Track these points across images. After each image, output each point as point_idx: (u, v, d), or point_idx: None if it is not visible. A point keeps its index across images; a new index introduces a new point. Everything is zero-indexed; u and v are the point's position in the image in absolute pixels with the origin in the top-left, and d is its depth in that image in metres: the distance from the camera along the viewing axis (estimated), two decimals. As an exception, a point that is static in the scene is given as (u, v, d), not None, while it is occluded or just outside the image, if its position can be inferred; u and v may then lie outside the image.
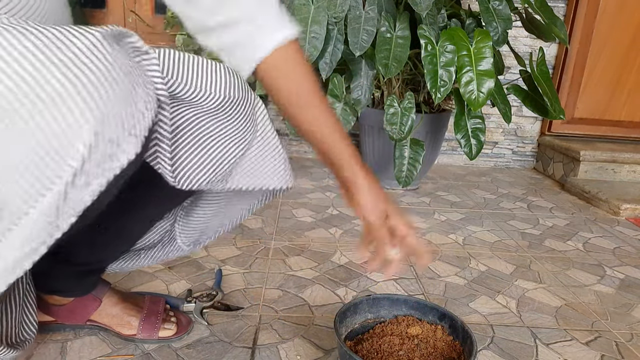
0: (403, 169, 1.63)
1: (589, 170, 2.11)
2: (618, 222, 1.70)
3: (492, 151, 2.49)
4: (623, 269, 1.29)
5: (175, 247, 0.83)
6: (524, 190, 2.06)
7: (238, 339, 0.85)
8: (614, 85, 2.36)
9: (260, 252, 1.23)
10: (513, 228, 1.56)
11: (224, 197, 0.79)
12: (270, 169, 0.69)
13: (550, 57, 2.35)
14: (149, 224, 0.77)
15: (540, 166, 2.45)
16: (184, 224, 0.81)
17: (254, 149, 0.66)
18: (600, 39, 2.29)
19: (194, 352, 0.81)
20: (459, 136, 1.63)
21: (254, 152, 0.66)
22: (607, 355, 0.89)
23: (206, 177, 0.59)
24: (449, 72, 1.51)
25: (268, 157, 0.68)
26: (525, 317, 1.00)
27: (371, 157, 1.95)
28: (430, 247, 0.68)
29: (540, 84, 1.67)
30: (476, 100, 1.49)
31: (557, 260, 1.32)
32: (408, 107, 1.59)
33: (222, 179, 0.63)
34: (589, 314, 1.04)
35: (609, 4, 2.24)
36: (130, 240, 0.78)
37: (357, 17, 1.59)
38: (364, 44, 1.56)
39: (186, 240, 0.83)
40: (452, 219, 1.61)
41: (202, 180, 0.59)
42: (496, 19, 1.62)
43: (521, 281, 1.17)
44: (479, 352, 0.87)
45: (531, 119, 2.45)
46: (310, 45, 1.55)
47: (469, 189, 2.01)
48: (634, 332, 0.98)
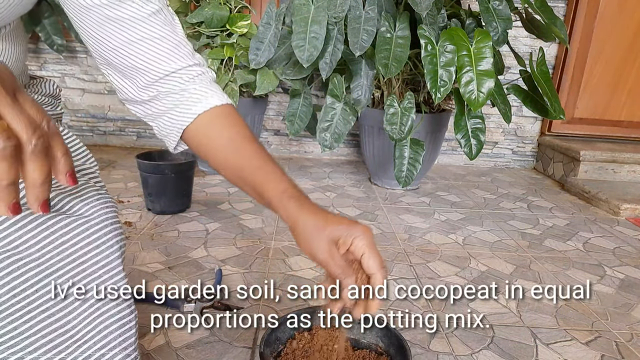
0: (403, 169, 1.63)
1: (589, 170, 2.11)
2: (618, 222, 1.69)
3: (492, 151, 2.49)
4: (623, 269, 1.29)
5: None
6: (524, 190, 2.06)
7: (238, 339, 0.85)
8: (614, 85, 2.36)
9: (260, 252, 1.23)
10: (513, 228, 1.56)
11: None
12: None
13: (550, 57, 2.35)
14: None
15: (540, 166, 2.45)
16: None
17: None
18: (600, 39, 2.29)
19: (194, 352, 0.81)
20: (459, 136, 1.63)
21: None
22: (607, 355, 0.89)
23: None
24: (449, 72, 1.51)
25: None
26: (525, 317, 1.00)
27: (371, 157, 1.95)
28: (381, 302, 0.55)
29: (540, 84, 1.66)
30: (476, 100, 1.49)
31: (557, 260, 1.32)
32: (408, 107, 1.59)
33: None
34: (589, 314, 1.04)
35: (609, 4, 2.24)
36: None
37: (357, 17, 1.59)
38: (364, 44, 1.56)
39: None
40: (452, 219, 1.61)
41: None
42: (496, 19, 1.62)
43: (521, 281, 1.17)
44: (479, 352, 0.87)
45: (531, 119, 2.45)
46: (310, 45, 1.55)
47: (469, 189, 2.01)
48: (634, 332, 0.98)
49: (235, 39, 1.82)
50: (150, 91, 0.56)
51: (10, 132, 0.31)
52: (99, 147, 2.39)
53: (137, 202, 1.57)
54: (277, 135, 2.46)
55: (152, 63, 0.54)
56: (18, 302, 0.42)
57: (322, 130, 1.66)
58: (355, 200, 1.76)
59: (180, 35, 0.56)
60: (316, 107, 1.87)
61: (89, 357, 0.44)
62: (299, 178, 2.02)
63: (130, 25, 0.51)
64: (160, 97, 0.56)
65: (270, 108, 2.40)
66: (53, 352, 0.43)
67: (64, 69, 2.33)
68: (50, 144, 0.34)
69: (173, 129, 0.58)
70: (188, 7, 1.91)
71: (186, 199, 1.53)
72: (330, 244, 0.51)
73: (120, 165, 2.05)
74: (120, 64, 0.54)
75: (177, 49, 0.55)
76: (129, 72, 0.55)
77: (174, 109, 0.57)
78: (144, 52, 0.53)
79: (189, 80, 0.57)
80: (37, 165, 0.32)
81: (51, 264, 0.43)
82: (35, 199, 0.34)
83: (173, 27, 0.55)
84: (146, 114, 0.59)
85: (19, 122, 0.31)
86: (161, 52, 0.54)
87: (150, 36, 0.53)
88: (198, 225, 1.40)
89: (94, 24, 0.51)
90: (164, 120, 0.58)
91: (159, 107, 0.57)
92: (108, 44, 0.52)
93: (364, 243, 0.51)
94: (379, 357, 0.71)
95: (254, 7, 2.17)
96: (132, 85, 0.56)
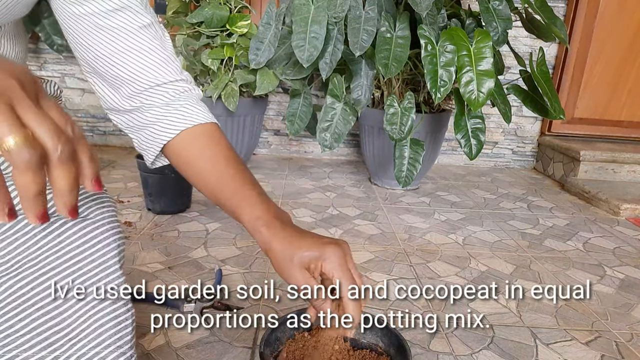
0: (403, 169, 1.63)
1: (589, 170, 2.11)
2: (618, 222, 1.69)
3: (492, 151, 2.49)
4: (623, 269, 1.29)
5: None
6: (524, 190, 2.06)
7: (238, 339, 0.85)
8: (614, 85, 2.36)
9: (260, 252, 1.23)
10: (513, 228, 1.56)
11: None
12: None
13: (550, 57, 2.35)
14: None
15: (540, 166, 2.45)
16: None
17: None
18: (600, 39, 2.29)
19: (194, 352, 0.81)
20: (459, 136, 1.63)
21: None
22: (607, 355, 0.89)
23: None
24: (449, 72, 1.51)
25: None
26: (525, 317, 1.00)
27: (371, 157, 1.95)
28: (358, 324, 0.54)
29: (540, 84, 1.67)
30: (476, 100, 1.49)
31: (557, 260, 1.32)
32: (408, 107, 1.59)
33: None
34: (589, 314, 1.04)
35: (609, 4, 2.24)
36: None
37: (357, 17, 1.59)
38: (364, 44, 1.56)
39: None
40: (452, 219, 1.61)
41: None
42: (496, 19, 1.62)
43: (521, 281, 1.17)
44: (479, 352, 0.87)
45: (531, 119, 2.45)
46: (310, 45, 1.55)
47: (469, 189, 2.01)
48: (634, 332, 0.98)
49: (235, 39, 1.82)
50: (134, 101, 0.56)
51: (34, 141, 0.30)
52: (99, 147, 2.39)
53: (137, 202, 1.57)
54: (277, 135, 2.47)
55: (138, 74, 0.54)
56: (14, 301, 0.42)
57: (322, 130, 1.66)
58: (355, 200, 1.76)
59: (170, 50, 0.56)
60: (316, 107, 1.87)
61: (82, 355, 0.44)
62: (299, 178, 2.02)
63: (120, 35, 0.52)
64: (144, 109, 0.56)
65: (270, 108, 2.40)
66: (47, 350, 0.43)
67: (64, 69, 2.33)
68: (75, 148, 0.33)
69: (154, 143, 0.58)
70: (188, 7, 1.91)
71: (186, 199, 1.53)
72: (302, 271, 0.50)
73: (120, 165, 2.06)
74: (106, 73, 0.54)
75: (165, 63, 0.55)
76: (114, 81, 0.55)
77: (157, 122, 0.57)
78: (131, 62, 0.53)
79: (175, 96, 0.56)
80: (65, 172, 0.31)
81: (48, 263, 0.43)
82: (63, 205, 0.33)
83: (163, 42, 0.56)
84: (127, 126, 0.59)
85: (44, 129, 0.30)
86: (148, 64, 0.54)
87: (139, 47, 0.53)
88: (198, 225, 1.40)
89: (83, 32, 0.51)
90: (145, 133, 0.58)
91: (141, 119, 0.57)
92: (96, 52, 0.52)
93: (332, 266, 0.50)
94: (379, 357, 0.71)
95: (254, 7, 2.17)
96: (117, 95, 0.56)
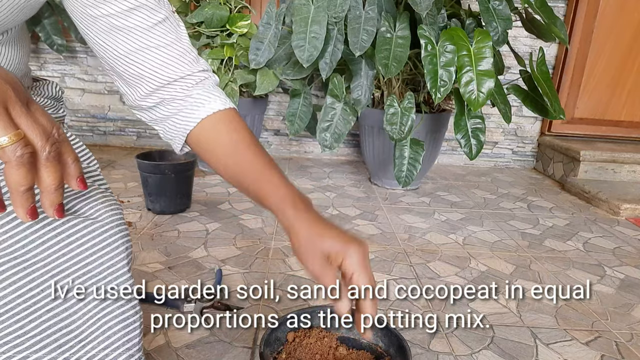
0: (403, 169, 1.63)
1: (589, 170, 2.11)
2: (618, 222, 1.69)
3: (492, 151, 2.49)
4: (623, 269, 1.29)
5: None
6: (524, 190, 2.06)
7: (238, 339, 0.85)
8: (614, 85, 2.36)
9: (260, 252, 1.23)
10: (513, 228, 1.56)
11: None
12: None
13: (550, 57, 2.35)
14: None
15: (540, 166, 2.45)
16: None
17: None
18: (600, 39, 2.29)
19: (194, 352, 0.81)
20: (459, 136, 1.63)
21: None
22: (607, 355, 0.89)
23: None
24: (449, 72, 1.51)
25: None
26: (525, 317, 1.00)
27: (371, 157, 1.95)
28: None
29: (540, 84, 1.66)
30: (476, 100, 1.49)
31: (557, 260, 1.32)
32: (408, 107, 1.59)
33: None
34: (589, 314, 1.04)
35: (609, 4, 2.24)
36: None
37: (357, 17, 1.59)
38: (364, 44, 1.56)
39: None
40: (452, 219, 1.61)
41: None
42: (496, 19, 1.62)
43: (521, 281, 1.17)
44: (479, 352, 0.87)
45: (531, 119, 2.45)
46: (310, 45, 1.55)
47: (469, 189, 2.01)
48: (634, 332, 0.98)
49: (235, 39, 1.82)
50: (153, 99, 0.57)
51: (26, 140, 0.33)
52: (99, 147, 2.39)
53: (137, 202, 1.57)
54: (277, 135, 2.47)
55: (157, 70, 0.55)
56: (24, 302, 0.42)
57: (322, 130, 1.66)
58: (355, 200, 1.76)
59: (186, 42, 0.57)
60: (316, 107, 1.87)
61: (92, 357, 0.44)
62: (299, 178, 2.02)
63: (135, 34, 0.52)
64: (165, 102, 0.57)
65: (270, 108, 2.40)
66: (58, 352, 0.43)
67: (64, 69, 2.33)
68: (61, 150, 0.36)
69: (177, 133, 0.59)
70: (188, 7, 1.91)
71: (186, 199, 1.53)
72: (322, 258, 0.51)
73: (120, 165, 2.06)
74: (124, 72, 0.55)
75: (182, 57, 0.56)
76: (132, 80, 0.55)
77: (178, 113, 0.58)
78: (149, 59, 0.54)
79: (193, 86, 0.57)
80: (51, 171, 0.35)
81: (57, 265, 0.43)
82: (50, 203, 0.36)
83: (178, 34, 0.56)
84: (151, 119, 0.60)
85: (34, 131, 0.34)
86: (166, 59, 0.55)
87: (155, 44, 0.53)
88: (198, 225, 1.40)
89: (100, 33, 0.52)
90: (168, 124, 0.59)
91: (163, 112, 0.58)
92: (113, 52, 0.53)
93: (354, 262, 0.50)
94: (379, 357, 0.71)
95: (254, 7, 2.17)
96: (135, 94, 0.57)
